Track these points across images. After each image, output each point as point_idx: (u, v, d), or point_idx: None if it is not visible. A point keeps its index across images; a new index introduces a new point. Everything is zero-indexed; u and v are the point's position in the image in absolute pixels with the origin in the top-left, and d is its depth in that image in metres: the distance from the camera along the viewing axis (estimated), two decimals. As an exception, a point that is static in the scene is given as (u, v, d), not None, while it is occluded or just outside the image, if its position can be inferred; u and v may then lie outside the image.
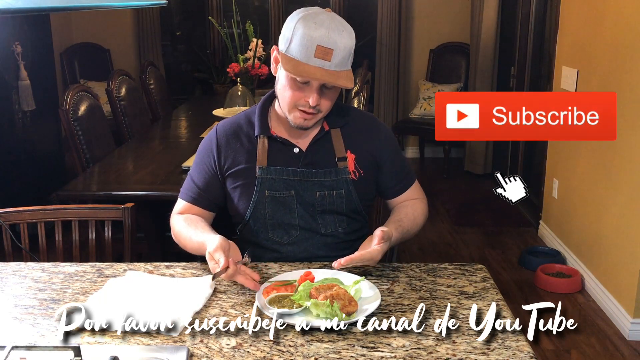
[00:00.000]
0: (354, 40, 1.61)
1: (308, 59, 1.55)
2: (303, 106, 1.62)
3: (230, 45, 4.18)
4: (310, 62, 1.55)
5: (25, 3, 1.23)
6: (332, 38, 1.55)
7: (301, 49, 1.56)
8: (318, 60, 1.55)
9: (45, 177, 4.14)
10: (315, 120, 1.67)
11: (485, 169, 5.42)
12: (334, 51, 1.55)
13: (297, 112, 1.64)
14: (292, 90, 1.61)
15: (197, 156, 1.80)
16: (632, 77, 2.89)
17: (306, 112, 1.63)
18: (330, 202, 1.72)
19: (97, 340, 1.32)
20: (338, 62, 1.57)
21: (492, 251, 3.92)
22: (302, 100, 1.62)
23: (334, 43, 1.55)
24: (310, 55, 1.55)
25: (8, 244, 1.95)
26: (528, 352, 1.27)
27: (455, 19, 5.81)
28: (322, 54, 1.55)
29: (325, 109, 1.65)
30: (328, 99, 1.64)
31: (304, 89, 1.60)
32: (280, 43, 1.62)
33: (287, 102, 1.64)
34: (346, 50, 1.58)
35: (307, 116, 1.64)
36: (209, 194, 1.77)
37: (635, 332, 2.90)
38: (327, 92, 1.62)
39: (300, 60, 1.56)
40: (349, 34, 1.59)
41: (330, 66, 1.56)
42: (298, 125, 1.67)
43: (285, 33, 1.60)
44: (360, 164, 1.75)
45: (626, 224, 2.97)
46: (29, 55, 4.05)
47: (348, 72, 1.61)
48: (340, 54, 1.56)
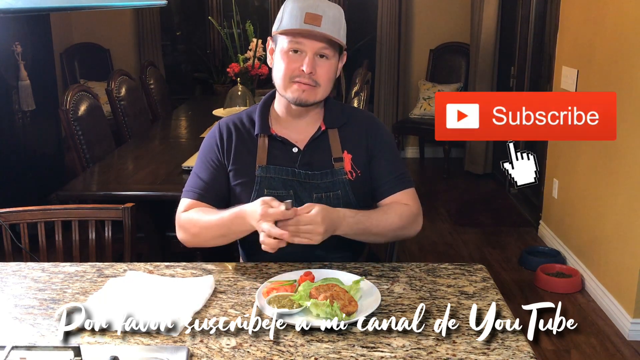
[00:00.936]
0: (343, 15, 1.68)
1: (298, 25, 1.61)
2: (299, 77, 1.64)
3: (230, 45, 4.18)
4: (302, 27, 1.61)
5: (25, 3, 1.23)
6: (320, 6, 1.62)
7: (291, 19, 1.62)
8: (308, 26, 1.61)
9: (45, 177, 4.14)
10: (315, 95, 1.67)
11: (485, 169, 5.42)
12: (323, 17, 1.61)
13: (294, 85, 1.65)
14: (286, 62, 1.64)
15: (201, 153, 1.80)
16: (632, 77, 2.89)
17: (302, 82, 1.64)
18: (327, 203, 1.71)
19: (97, 340, 1.32)
20: (328, 28, 1.62)
21: (492, 251, 3.92)
22: (297, 71, 1.64)
23: (322, 10, 1.62)
24: (301, 22, 1.61)
25: (8, 244, 1.95)
26: (528, 352, 1.27)
27: (455, 19, 5.81)
28: (311, 19, 1.60)
29: (322, 81, 1.66)
30: (324, 69, 1.65)
31: (298, 59, 1.64)
32: (273, 28, 1.69)
33: (282, 76, 1.66)
34: (335, 19, 1.64)
35: (304, 87, 1.65)
36: (216, 188, 1.75)
37: (635, 332, 2.90)
38: (321, 62, 1.65)
39: (291, 28, 1.62)
40: (337, 8, 1.67)
41: (321, 30, 1.61)
42: (297, 98, 1.66)
43: (278, 16, 1.68)
44: (357, 163, 1.74)
45: (626, 224, 2.97)
46: (29, 55, 4.05)
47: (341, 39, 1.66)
48: (329, 20, 1.62)
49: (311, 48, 1.62)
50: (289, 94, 1.67)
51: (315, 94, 1.67)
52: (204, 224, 1.66)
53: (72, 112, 3.13)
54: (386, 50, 5.83)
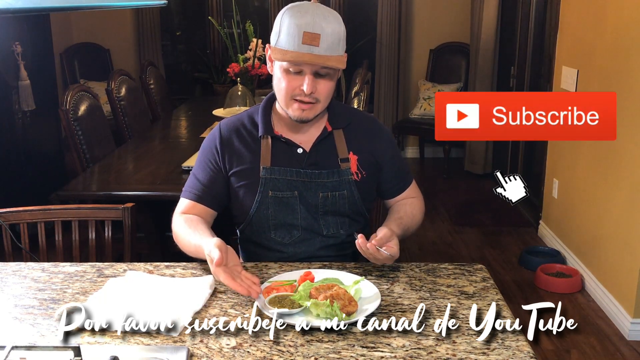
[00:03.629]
0: (342, 25, 1.63)
1: (297, 46, 1.57)
2: (299, 96, 1.62)
3: (230, 45, 4.18)
4: (300, 49, 1.57)
5: (25, 3, 1.23)
6: (317, 23, 1.57)
7: (289, 38, 1.58)
8: (306, 47, 1.57)
9: (45, 177, 4.14)
10: (315, 111, 1.66)
11: (485, 169, 5.41)
12: (321, 36, 1.57)
13: (294, 103, 1.64)
14: (286, 81, 1.62)
15: (200, 154, 1.80)
16: (632, 77, 2.89)
17: (303, 101, 1.63)
18: (333, 203, 1.72)
19: (97, 340, 1.32)
20: (327, 47, 1.58)
21: (492, 251, 3.92)
22: (297, 90, 1.62)
23: (321, 28, 1.57)
24: (299, 42, 1.57)
25: (8, 244, 1.95)
26: (528, 352, 1.27)
27: (455, 19, 5.81)
28: (309, 39, 1.56)
29: (323, 98, 1.65)
30: (324, 87, 1.63)
31: (298, 79, 1.61)
32: (271, 39, 1.65)
33: (283, 94, 1.64)
34: (334, 35, 1.59)
35: (305, 106, 1.64)
36: (213, 190, 1.75)
37: (635, 332, 2.90)
38: (321, 81, 1.62)
39: (289, 49, 1.58)
40: (335, 19, 1.60)
41: (320, 51, 1.57)
42: (297, 117, 1.66)
43: (275, 28, 1.63)
44: (363, 165, 1.75)
45: (626, 223, 2.97)
46: (29, 55, 4.05)
47: (340, 56, 1.62)
48: (328, 39, 1.58)
49: (310, 69, 1.60)
50: (290, 111, 1.66)
51: (315, 110, 1.67)
52: (182, 239, 1.68)
53: (72, 112, 3.13)
54: (386, 50, 5.83)
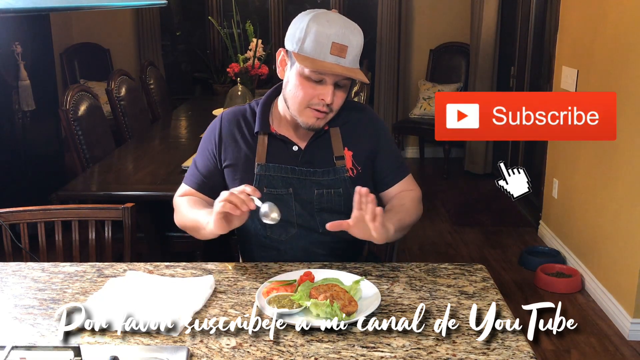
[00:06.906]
0: (363, 38, 1.63)
1: (324, 56, 1.56)
2: (316, 105, 1.62)
3: (230, 45, 4.18)
4: (327, 59, 1.56)
5: (25, 3, 1.23)
6: (346, 35, 1.57)
7: (316, 46, 1.56)
8: (333, 57, 1.56)
9: (45, 177, 4.14)
10: (326, 120, 1.67)
11: (485, 169, 5.42)
12: (349, 48, 1.57)
13: (309, 111, 1.63)
14: (305, 89, 1.61)
15: (202, 142, 1.82)
16: (632, 77, 2.89)
17: (319, 110, 1.63)
18: (329, 200, 1.72)
19: (97, 340, 1.32)
20: (352, 59, 1.59)
21: (492, 251, 3.92)
22: (315, 99, 1.61)
23: (348, 40, 1.57)
24: (327, 52, 1.56)
25: (8, 244, 1.95)
26: (528, 352, 1.27)
27: (455, 19, 5.81)
28: (337, 50, 1.56)
29: (336, 108, 1.66)
30: (339, 98, 1.64)
31: (317, 88, 1.60)
32: (290, 44, 1.62)
33: (299, 101, 1.63)
34: (358, 48, 1.60)
35: (319, 115, 1.64)
36: (210, 181, 1.77)
37: (635, 332, 2.90)
38: (338, 92, 1.63)
39: (316, 58, 1.57)
40: (359, 32, 1.61)
41: (346, 62, 1.58)
42: (310, 125, 1.66)
43: (296, 33, 1.60)
44: (358, 160, 1.75)
45: (626, 223, 2.97)
46: (29, 55, 4.05)
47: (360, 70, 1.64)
48: (354, 51, 1.58)
49: (333, 79, 1.59)
50: (302, 118, 1.65)
51: (326, 119, 1.68)
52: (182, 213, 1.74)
53: (72, 112, 3.13)
54: (386, 50, 5.83)
